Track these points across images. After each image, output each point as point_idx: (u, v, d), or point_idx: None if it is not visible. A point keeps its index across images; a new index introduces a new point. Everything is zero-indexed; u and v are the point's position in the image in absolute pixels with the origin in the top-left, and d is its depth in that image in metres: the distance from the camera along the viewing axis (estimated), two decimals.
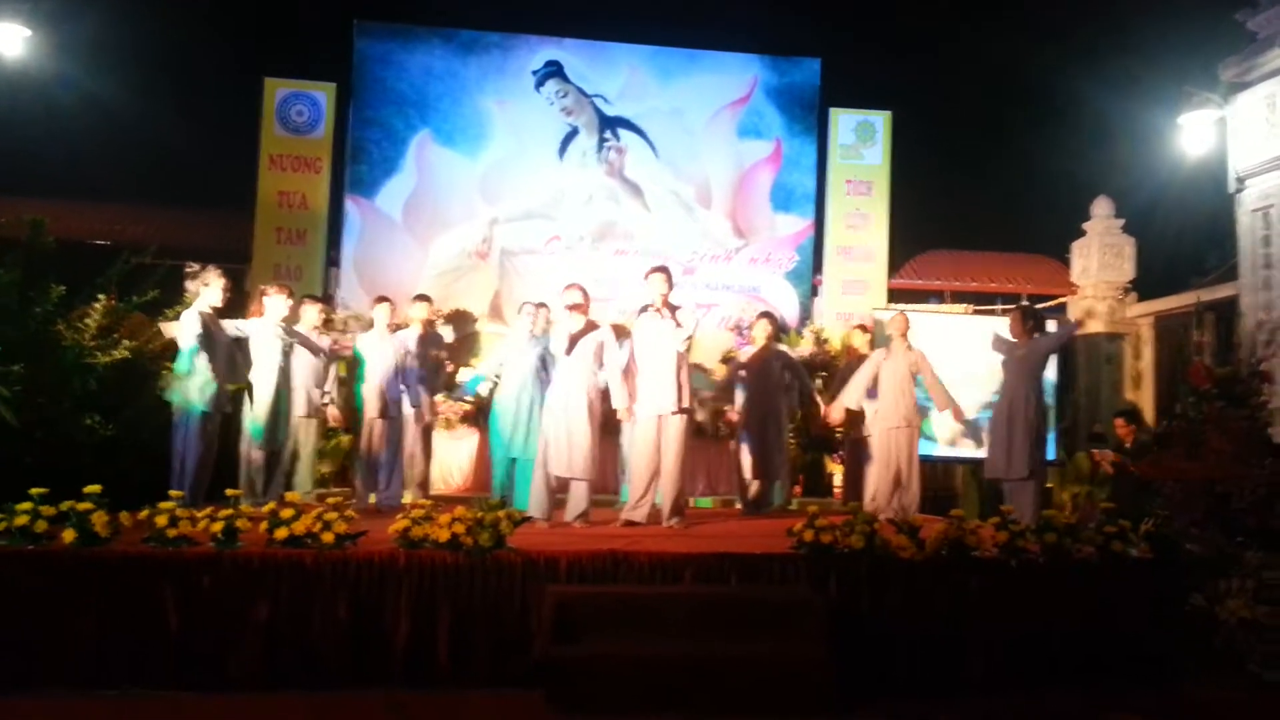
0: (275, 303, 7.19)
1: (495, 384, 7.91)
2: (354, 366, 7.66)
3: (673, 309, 6.68)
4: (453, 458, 9.10)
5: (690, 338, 6.65)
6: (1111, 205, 10.89)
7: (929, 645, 5.04)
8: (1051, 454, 9.34)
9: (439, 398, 8.48)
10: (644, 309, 6.87)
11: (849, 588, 5.06)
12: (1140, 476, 7.16)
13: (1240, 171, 8.39)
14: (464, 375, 8.73)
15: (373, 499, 7.47)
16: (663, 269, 6.87)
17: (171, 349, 7.02)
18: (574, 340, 6.62)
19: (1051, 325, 7.98)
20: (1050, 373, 9.58)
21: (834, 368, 9.56)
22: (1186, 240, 11.88)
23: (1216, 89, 8.66)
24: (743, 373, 8.11)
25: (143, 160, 12.79)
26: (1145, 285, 10.88)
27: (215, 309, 6.87)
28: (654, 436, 6.61)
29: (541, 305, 7.96)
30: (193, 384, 6.60)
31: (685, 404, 6.59)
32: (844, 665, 4.66)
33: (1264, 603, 4.77)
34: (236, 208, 10.33)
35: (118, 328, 7.49)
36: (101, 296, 7.43)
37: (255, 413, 7.02)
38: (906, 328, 7.87)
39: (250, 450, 7.02)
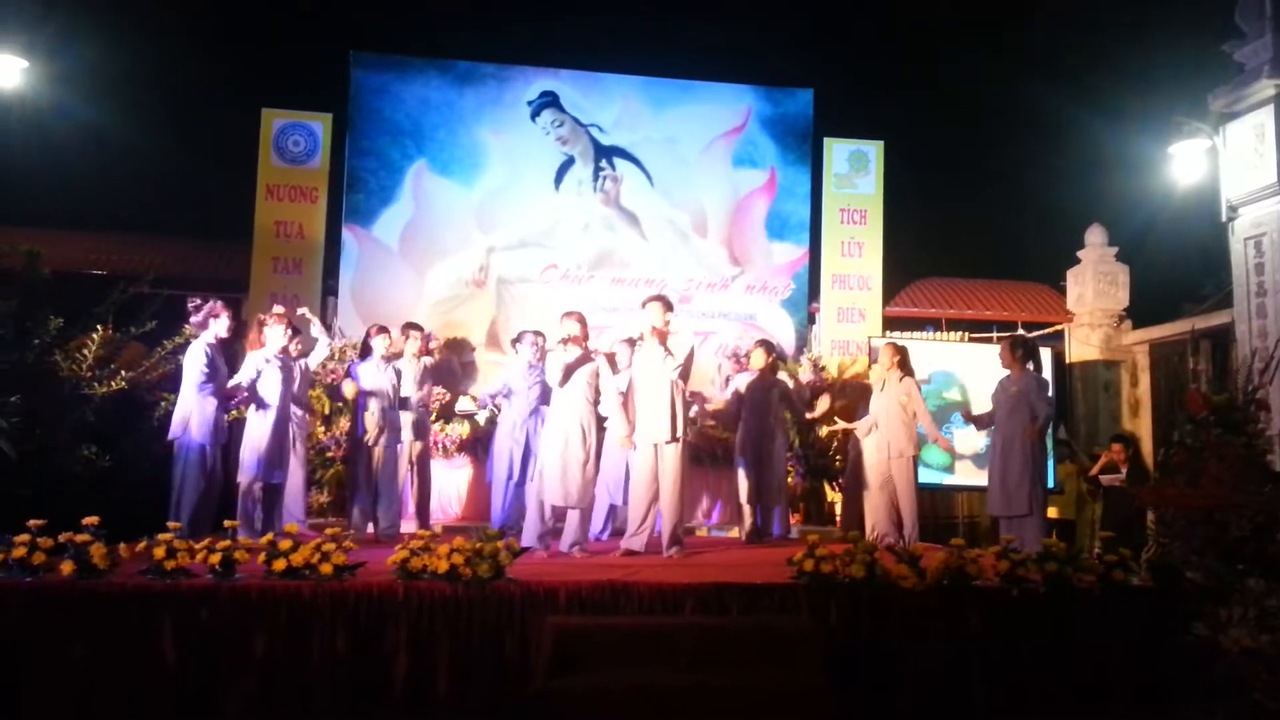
0: (274, 333, 7.18)
1: (497, 411, 7.94)
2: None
3: (664, 338, 6.68)
4: (451, 487, 9.06)
5: (681, 365, 6.63)
6: (1105, 233, 10.98)
7: (930, 675, 5.01)
8: (1051, 482, 9.40)
9: (435, 426, 8.49)
10: (637, 338, 6.91)
11: (850, 617, 5.03)
12: (1135, 502, 7.19)
13: (1232, 200, 8.45)
14: (462, 405, 8.75)
15: (372, 529, 7.44)
16: (659, 298, 6.86)
17: (169, 380, 7.02)
18: (569, 370, 6.61)
19: (1044, 353, 8.03)
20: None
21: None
22: (1180, 268, 11.95)
23: (1206, 119, 8.74)
24: (740, 389, 8.13)
25: (139, 190, 12.78)
26: (1140, 313, 10.94)
27: (221, 340, 6.90)
28: (651, 465, 6.60)
29: (539, 333, 8.01)
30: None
31: (680, 433, 6.59)
32: (845, 695, 4.63)
33: (1267, 631, 4.75)
34: (233, 237, 10.34)
35: (115, 358, 7.47)
36: (99, 327, 7.41)
37: (254, 445, 6.97)
38: (897, 358, 7.93)
39: (250, 483, 6.97)
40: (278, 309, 7.79)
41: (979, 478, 9.22)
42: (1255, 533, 4.95)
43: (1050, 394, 7.47)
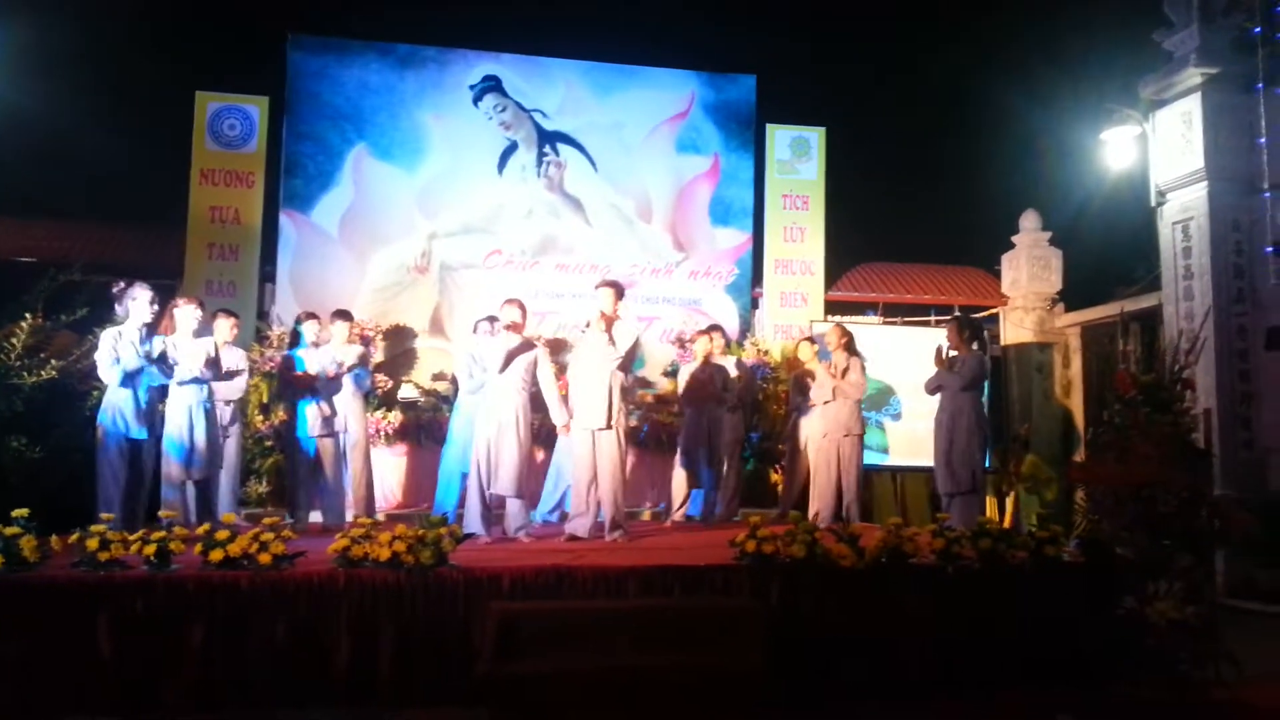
0: (185, 314, 6.74)
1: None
2: (287, 384, 7.51)
3: (609, 325, 6.68)
4: (391, 474, 8.99)
5: (622, 357, 6.64)
6: (1039, 218, 11.18)
7: (870, 651, 5.11)
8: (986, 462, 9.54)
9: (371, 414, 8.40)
10: (584, 325, 6.94)
11: (791, 597, 5.11)
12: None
13: (1161, 185, 8.67)
14: (405, 391, 8.68)
15: (315, 518, 7.33)
16: (612, 284, 6.90)
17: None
18: (510, 357, 6.59)
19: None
20: None
21: (774, 379, 9.71)
22: (1111, 252, 12.24)
23: (1137, 106, 8.95)
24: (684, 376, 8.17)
25: (70, 175, 12.49)
26: (1072, 296, 11.18)
27: (147, 325, 6.65)
28: (589, 451, 6.64)
29: (494, 319, 8.00)
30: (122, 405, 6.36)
31: (615, 421, 6.62)
32: (787, 673, 4.71)
33: (1192, 603, 4.90)
34: (167, 223, 10.12)
35: (45, 347, 7.29)
36: (28, 315, 7.21)
37: (170, 431, 6.63)
38: (844, 339, 8.05)
39: (170, 471, 6.62)
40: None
41: (919, 458, 9.37)
42: (1181, 508, 5.11)
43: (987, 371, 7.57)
